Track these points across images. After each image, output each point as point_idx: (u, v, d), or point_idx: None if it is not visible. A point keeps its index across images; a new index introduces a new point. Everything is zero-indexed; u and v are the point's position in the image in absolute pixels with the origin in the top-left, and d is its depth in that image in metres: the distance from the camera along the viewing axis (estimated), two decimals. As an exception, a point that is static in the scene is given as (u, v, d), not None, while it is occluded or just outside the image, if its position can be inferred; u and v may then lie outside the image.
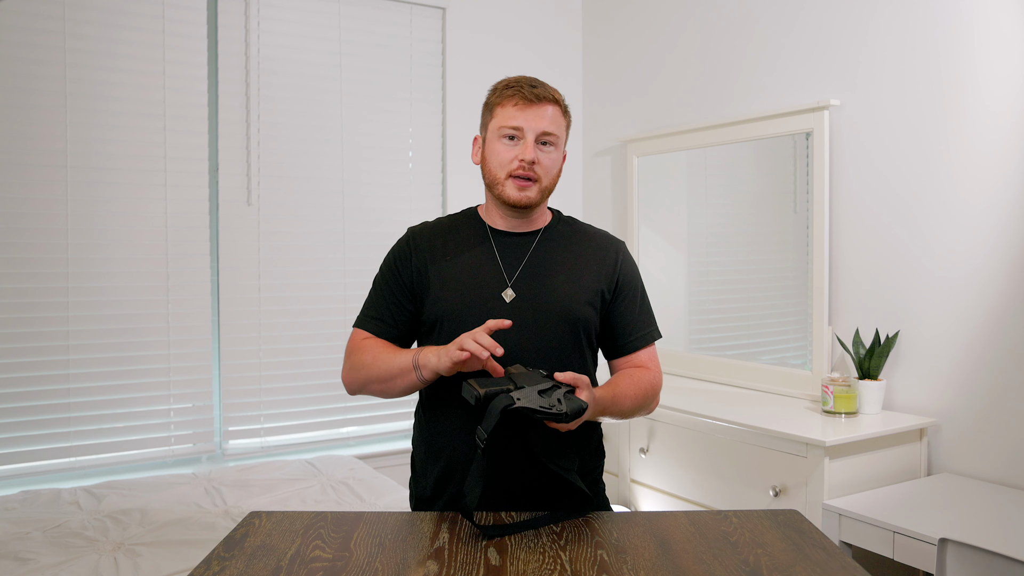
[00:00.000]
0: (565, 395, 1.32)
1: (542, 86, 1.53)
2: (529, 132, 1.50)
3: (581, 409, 1.31)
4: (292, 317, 3.17)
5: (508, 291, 1.54)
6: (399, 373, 1.47)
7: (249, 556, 1.22)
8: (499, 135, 1.52)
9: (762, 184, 3.06)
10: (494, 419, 1.27)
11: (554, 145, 1.53)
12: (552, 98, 1.53)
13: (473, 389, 1.31)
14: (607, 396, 1.47)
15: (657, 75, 3.47)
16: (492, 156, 1.54)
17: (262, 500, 2.47)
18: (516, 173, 1.51)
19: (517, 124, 1.50)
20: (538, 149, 1.51)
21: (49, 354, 2.75)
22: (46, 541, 2.09)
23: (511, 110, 1.51)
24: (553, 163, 1.54)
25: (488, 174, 1.56)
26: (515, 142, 1.51)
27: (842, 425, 2.40)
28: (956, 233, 2.42)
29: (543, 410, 1.28)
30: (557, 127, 1.53)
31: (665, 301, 3.31)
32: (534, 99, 1.50)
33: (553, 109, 1.52)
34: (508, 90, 1.52)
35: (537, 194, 1.53)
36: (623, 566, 1.19)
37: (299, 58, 3.18)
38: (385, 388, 1.52)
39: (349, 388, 1.58)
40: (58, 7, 2.72)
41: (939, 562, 1.71)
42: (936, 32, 2.46)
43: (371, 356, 1.52)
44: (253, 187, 3.08)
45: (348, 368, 1.57)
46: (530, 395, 1.30)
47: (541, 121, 1.50)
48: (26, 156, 2.70)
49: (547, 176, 1.54)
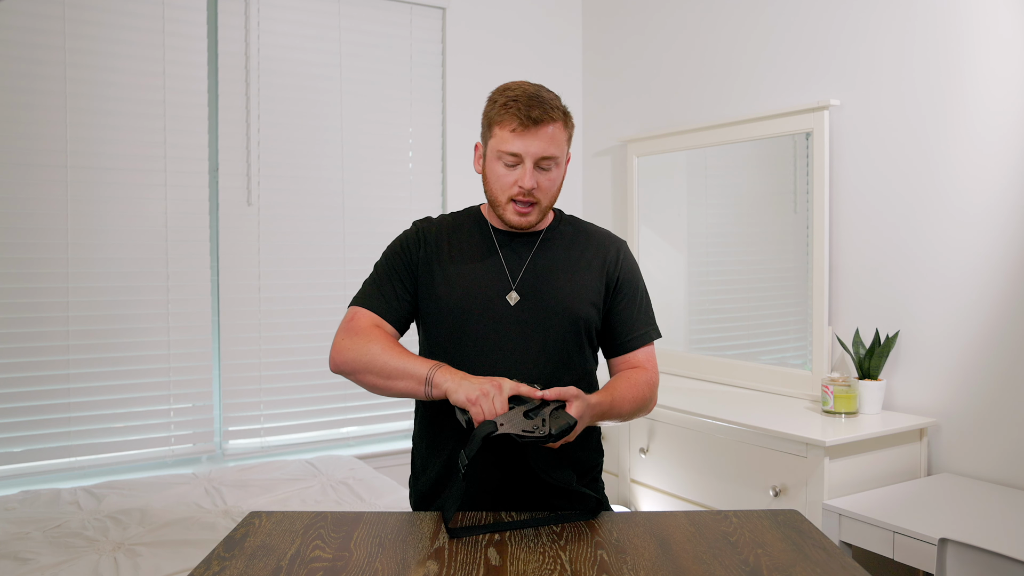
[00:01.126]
0: (552, 413, 1.30)
1: (540, 106, 1.47)
2: (527, 158, 1.48)
3: (568, 427, 1.29)
4: (292, 317, 3.17)
5: (512, 293, 1.54)
6: (407, 377, 1.43)
7: (249, 556, 1.22)
8: (498, 157, 1.50)
9: (762, 184, 3.06)
10: (476, 445, 1.27)
11: (555, 164, 1.51)
12: (551, 118, 1.48)
13: (464, 412, 1.32)
14: (605, 401, 1.46)
15: (657, 75, 3.47)
16: (492, 177, 1.52)
17: (262, 500, 2.47)
18: (516, 198, 1.50)
19: (515, 151, 1.47)
20: (538, 172, 1.49)
21: (49, 354, 2.75)
22: (46, 541, 2.09)
23: (508, 135, 1.47)
24: (553, 182, 1.52)
25: (489, 193, 1.55)
26: (514, 167, 1.49)
27: (842, 425, 2.40)
28: (956, 233, 2.42)
29: (526, 434, 1.27)
30: (557, 147, 1.50)
31: (665, 301, 3.31)
32: (531, 124, 1.46)
33: (553, 128, 1.48)
34: (506, 110, 1.47)
35: (537, 216, 1.53)
36: (623, 566, 1.19)
37: (299, 58, 3.18)
38: (381, 384, 1.47)
39: (339, 367, 1.50)
40: (58, 7, 2.72)
41: (939, 562, 1.71)
42: (936, 32, 2.46)
43: (381, 347, 1.47)
44: (253, 187, 3.08)
45: (346, 347, 1.49)
46: (514, 419, 1.28)
47: (539, 146, 1.47)
48: (26, 156, 2.70)
49: (547, 196, 1.52)
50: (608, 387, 1.53)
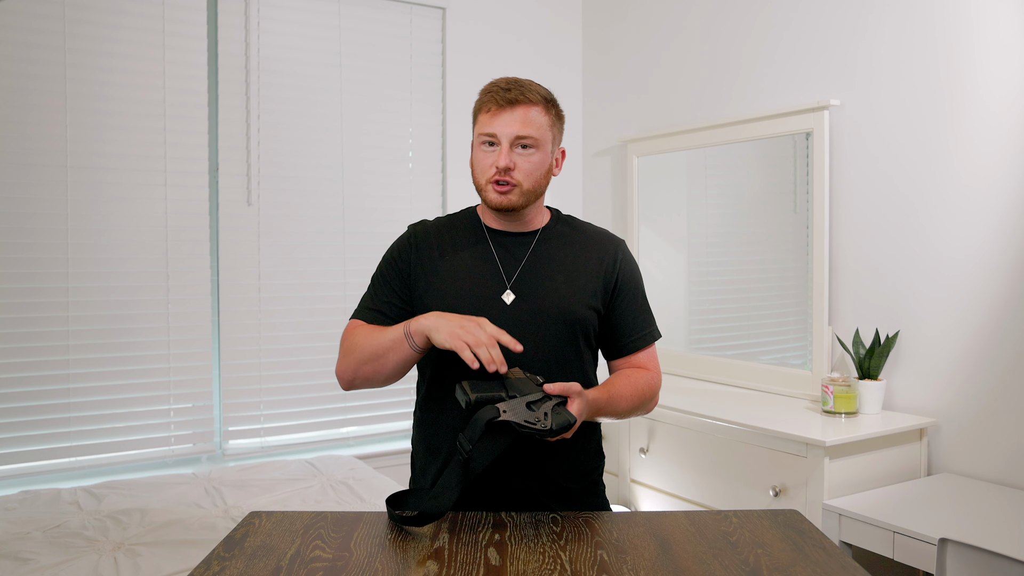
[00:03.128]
0: (555, 408, 1.31)
1: (517, 88, 1.50)
2: (503, 138, 1.49)
3: (568, 424, 1.30)
4: (292, 317, 3.17)
5: (508, 293, 1.54)
6: (391, 346, 1.44)
7: (249, 556, 1.22)
8: (479, 142, 1.53)
9: (762, 184, 3.06)
10: (478, 430, 1.27)
11: (535, 147, 1.51)
12: (528, 99, 1.50)
13: (465, 393, 1.30)
14: (602, 398, 1.47)
15: (657, 75, 3.47)
16: (475, 162, 1.55)
17: (262, 500, 2.47)
18: (494, 179, 1.51)
19: (491, 131, 1.50)
20: (515, 153, 1.50)
21: (49, 354, 2.75)
22: (46, 541, 2.09)
23: (485, 116, 1.51)
24: (534, 166, 1.52)
25: (474, 181, 1.56)
26: (493, 148, 1.51)
27: (842, 425, 2.40)
28: (956, 232, 2.42)
29: (527, 425, 1.27)
30: (535, 128, 1.50)
31: (665, 301, 3.31)
32: (506, 104, 1.48)
33: (532, 110, 1.50)
34: (486, 96, 1.52)
35: (519, 197, 1.52)
36: (623, 566, 1.19)
37: (299, 58, 3.18)
38: (378, 367, 1.48)
39: (342, 378, 1.54)
40: (58, 7, 2.72)
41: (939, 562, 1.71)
42: (936, 31, 2.46)
43: (362, 337, 1.50)
44: (253, 187, 3.08)
45: (340, 356, 1.54)
46: (517, 408, 1.28)
47: (513, 126, 1.48)
48: (26, 156, 2.70)
49: (528, 179, 1.52)
50: (606, 384, 1.53)
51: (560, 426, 1.29)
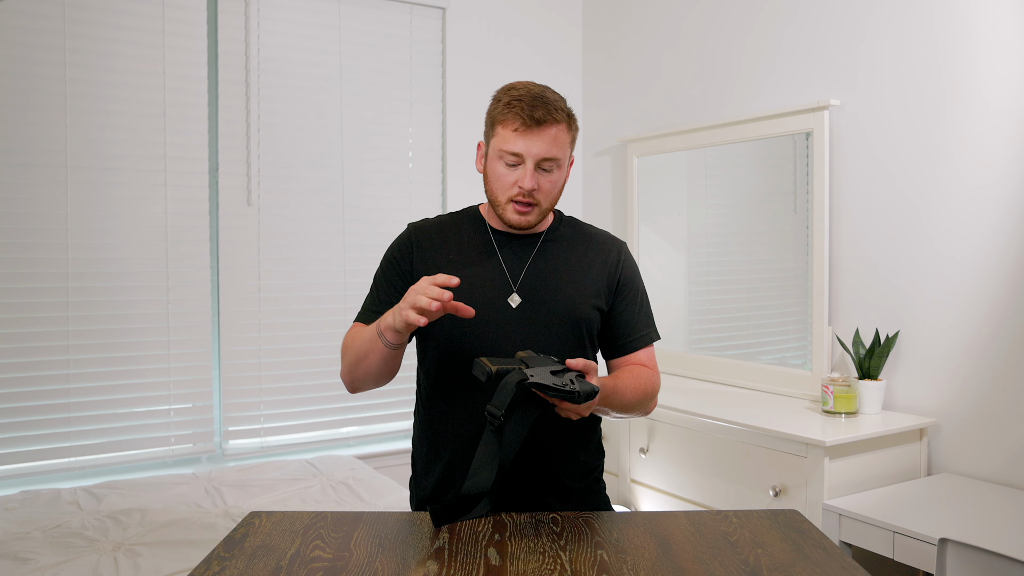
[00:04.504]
0: (577, 378, 1.31)
1: (544, 106, 1.46)
2: (529, 159, 1.46)
3: (594, 391, 1.30)
4: (292, 317, 3.17)
5: (514, 296, 1.54)
6: (370, 347, 1.44)
7: (249, 556, 1.22)
8: (499, 156, 1.49)
9: (762, 184, 3.06)
10: (509, 394, 1.25)
11: (557, 166, 1.50)
12: (554, 119, 1.47)
13: (485, 366, 1.28)
14: (609, 385, 1.46)
15: (657, 75, 3.47)
16: (493, 176, 1.51)
17: (262, 500, 2.47)
18: (516, 199, 1.49)
19: (517, 151, 1.46)
20: (539, 174, 1.48)
21: (49, 354, 2.75)
22: (46, 541, 2.10)
23: (511, 134, 1.46)
24: (554, 184, 1.51)
25: (489, 192, 1.54)
26: (515, 167, 1.48)
27: (842, 425, 2.40)
28: (956, 232, 2.42)
29: (557, 387, 1.26)
30: (559, 148, 1.49)
31: (665, 301, 3.31)
32: (534, 124, 1.45)
33: (556, 130, 1.47)
34: (510, 109, 1.47)
35: (538, 216, 1.52)
36: (623, 566, 1.19)
37: (299, 58, 3.18)
38: (366, 369, 1.48)
39: (344, 382, 1.56)
40: (58, 7, 2.72)
41: (939, 562, 1.71)
42: (936, 31, 2.46)
43: (351, 339, 1.51)
44: (253, 187, 3.08)
45: (341, 360, 1.55)
46: (543, 373, 1.27)
47: (541, 148, 1.46)
48: (26, 156, 2.70)
49: (548, 198, 1.52)
50: (613, 375, 1.53)
51: (587, 392, 1.29)
